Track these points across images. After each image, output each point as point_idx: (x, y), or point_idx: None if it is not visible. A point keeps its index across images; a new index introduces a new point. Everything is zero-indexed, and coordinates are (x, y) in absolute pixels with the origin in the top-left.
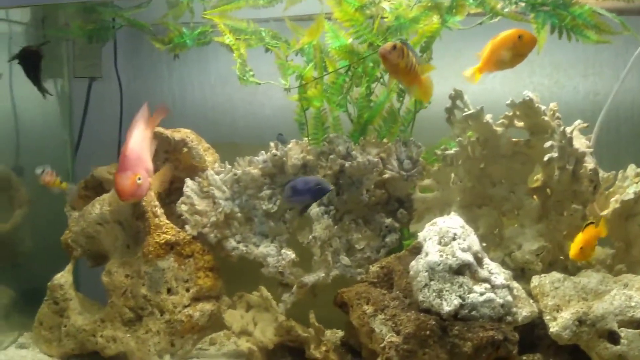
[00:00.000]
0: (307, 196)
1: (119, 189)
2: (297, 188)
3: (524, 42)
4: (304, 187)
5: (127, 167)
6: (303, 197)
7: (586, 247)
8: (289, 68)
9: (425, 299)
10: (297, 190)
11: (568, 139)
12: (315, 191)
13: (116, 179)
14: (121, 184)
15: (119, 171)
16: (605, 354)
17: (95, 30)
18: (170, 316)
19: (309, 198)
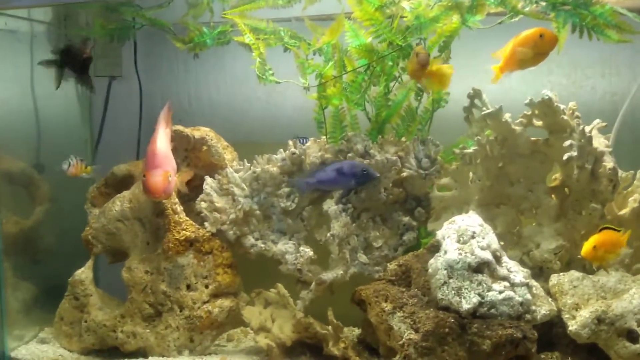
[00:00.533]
0: (352, 180)
1: (151, 187)
2: (343, 170)
3: (545, 41)
4: (350, 170)
5: (158, 164)
6: (347, 181)
7: (600, 248)
8: (308, 67)
9: (444, 297)
10: (343, 173)
11: (587, 138)
12: (361, 176)
13: (147, 176)
14: (153, 181)
15: (150, 169)
16: (624, 353)
17: (116, 29)
18: (189, 312)
19: (353, 183)
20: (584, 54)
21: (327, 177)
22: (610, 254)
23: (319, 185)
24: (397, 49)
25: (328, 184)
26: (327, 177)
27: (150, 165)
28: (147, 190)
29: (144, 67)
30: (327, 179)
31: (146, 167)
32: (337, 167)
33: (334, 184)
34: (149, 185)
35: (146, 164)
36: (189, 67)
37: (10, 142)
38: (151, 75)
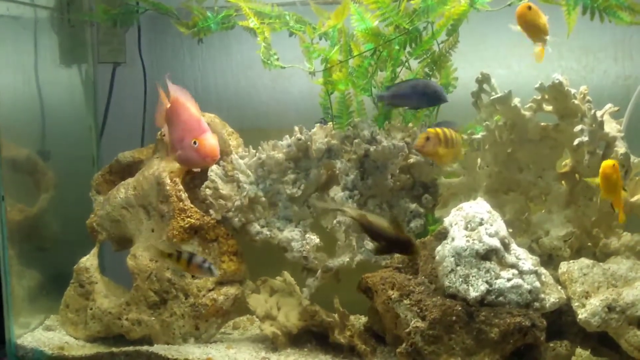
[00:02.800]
0: (424, 100)
1: (209, 149)
2: (417, 89)
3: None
4: (424, 90)
5: (205, 127)
6: (419, 99)
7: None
8: (314, 51)
9: (451, 285)
10: (417, 92)
11: (599, 123)
12: (433, 97)
13: (201, 140)
14: (209, 144)
15: (199, 133)
16: (635, 341)
17: (119, 14)
18: (194, 300)
19: (425, 102)
20: (595, 37)
21: (401, 92)
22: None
23: (391, 99)
24: (404, 33)
25: (400, 99)
26: (401, 93)
27: (198, 130)
28: (205, 154)
29: (149, 53)
30: (401, 94)
31: (192, 132)
32: (413, 84)
33: (406, 101)
34: (207, 149)
35: (187, 129)
36: (194, 53)
37: (15, 130)
38: (156, 61)
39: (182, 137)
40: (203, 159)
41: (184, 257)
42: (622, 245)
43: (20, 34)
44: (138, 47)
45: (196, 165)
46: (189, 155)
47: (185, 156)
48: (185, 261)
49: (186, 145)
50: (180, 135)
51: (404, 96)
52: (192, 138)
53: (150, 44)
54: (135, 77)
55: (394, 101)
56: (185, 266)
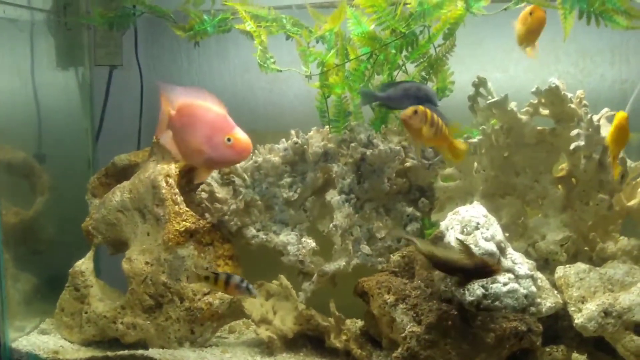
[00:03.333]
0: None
1: (245, 145)
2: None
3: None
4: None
5: (234, 123)
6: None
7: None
8: (310, 55)
9: (447, 289)
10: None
11: (595, 127)
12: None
13: (235, 136)
14: (244, 138)
15: (231, 129)
16: (632, 347)
17: (116, 17)
18: (190, 304)
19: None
20: (592, 42)
21: (395, 94)
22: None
23: (386, 100)
24: (400, 37)
25: (394, 101)
26: (395, 95)
27: (228, 126)
28: (242, 149)
29: (146, 56)
30: (395, 96)
31: (223, 130)
32: (406, 87)
33: (399, 104)
34: (243, 143)
35: (216, 128)
36: (191, 56)
37: (11, 132)
38: (153, 64)
39: (209, 137)
40: (239, 155)
41: (221, 279)
42: (619, 249)
43: (16, 37)
44: (135, 50)
45: (230, 163)
46: (223, 154)
47: (218, 156)
48: (222, 282)
49: (217, 144)
50: (207, 136)
51: (397, 98)
52: (224, 135)
53: (147, 47)
54: (132, 80)
55: (388, 102)
56: (223, 288)
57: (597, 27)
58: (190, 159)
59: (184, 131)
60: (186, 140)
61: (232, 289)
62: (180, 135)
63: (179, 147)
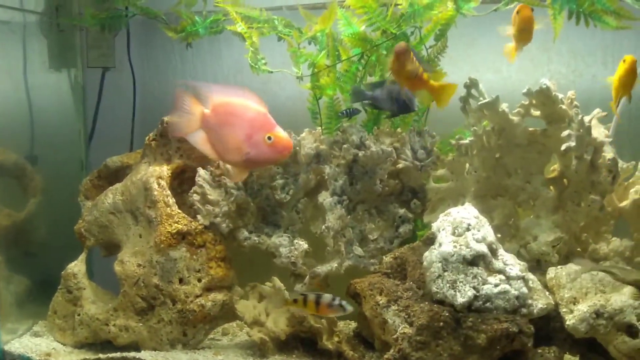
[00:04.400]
0: (395, 106)
1: (286, 143)
2: (392, 94)
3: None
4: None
5: (274, 122)
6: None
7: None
8: (301, 56)
9: (438, 290)
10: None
11: (586, 128)
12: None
13: (276, 134)
14: (285, 136)
15: (272, 127)
16: (624, 348)
17: (108, 19)
18: (182, 306)
19: (396, 109)
20: (584, 42)
21: (381, 95)
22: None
23: (372, 100)
24: (391, 38)
25: (379, 102)
26: (380, 96)
27: (269, 124)
28: (283, 148)
29: (140, 58)
30: (380, 97)
31: (263, 127)
32: (390, 90)
33: (383, 105)
34: (284, 142)
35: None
36: (185, 57)
37: (3, 134)
38: (147, 66)
39: (249, 136)
40: (280, 154)
41: (310, 300)
42: (611, 250)
43: (9, 39)
44: (127, 51)
45: (270, 162)
46: (263, 153)
47: (259, 155)
48: (312, 304)
49: (257, 142)
50: (247, 134)
51: (382, 99)
52: (265, 134)
53: (141, 48)
54: (125, 81)
55: (374, 102)
56: (313, 309)
57: (586, 27)
58: (227, 158)
59: (221, 130)
60: (224, 139)
61: (323, 308)
62: (216, 134)
63: (215, 147)
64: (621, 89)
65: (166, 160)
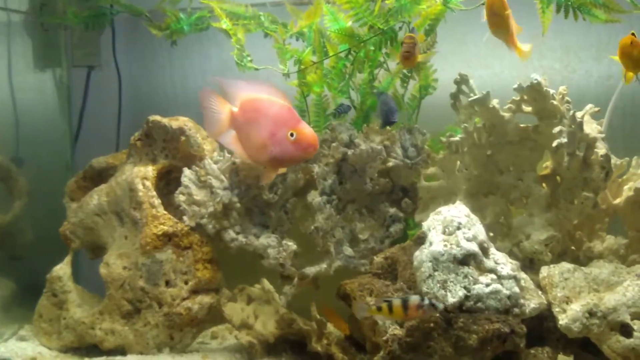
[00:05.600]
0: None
1: (312, 138)
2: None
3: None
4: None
5: (299, 118)
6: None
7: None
8: (287, 52)
9: (429, 290)
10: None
11: (578, 124)
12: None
13: (301, 130)
14: (311, 132)
15: (296, 123)
16: (618, 347)
17: (91, 17)
18: (168, 309)
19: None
20: (577, 37)
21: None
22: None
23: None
24: (378, 33)
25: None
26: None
27: (293, 120)
28: (308, 144)
29: (127, 56)
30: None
31: (287, 124)
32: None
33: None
34: (309, 138)
35: (280, 122)
36: (173, 54)
37: None
38: (135, 64)
39: (273, 133)
40: (304, 151)
41: (396, 304)
42: (605, 248)
43: None
44: (112, 50)
45: (295, 160)
46: (287, 150)
47: (283, 152)
48: (399, 308)
49: (280, 139)
50: (271, 131)
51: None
52: (288, 130)
53: (128, 46)
54: (111, 81)
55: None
56: (401, 314)
57: (575, 20)
58: (255, 157)
59: (248, 128)
60: (251, 137)
61: (413, 311)
62: (244, 132)
63: (244, 146)
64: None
65: (151, 160)
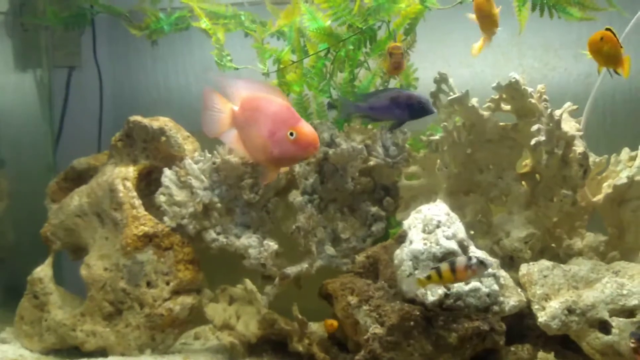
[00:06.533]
0: (406, 112)
1: (311, 137)
2: (398, 100)
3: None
4: (407, 101)
5: (299, 116)
6: (401, 112)
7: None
8: (266, 52)
9: (409, 289)
10: (398, 103)
11: (556, 122)
12: (418, 109)
13: (300, 129)
14: (311, 130)
15: (296, 122)
16: (597, 344)
17: (71, 17)
18: (150, 310)
19: (407, 115)
20: (557, 36)
21: (380, 104)
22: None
23: (369, 111)
24: (357, 32)
25: (380, 112)
26: (380, 105)
27: (292, 118)
28: (307, 143)
29: (109, 56)
30: (379, 106)
31: (286, 123)
32: (393, 96)
33: (386, 114)
34: (309, 137)
35: (279, 121)
36: (156, 54)
37: None
38: (117, 64)
39: (273, 132)
40: (304, 150)
41: (444, 269)
42: (585, 245)
43: None
44: (93, 50)
45: (295, 159)
46: (287, 150)
47: (283, 152)
48: (448, 272)
49: (280, 139)
50: (271, 131)
51: (382, 108)
52: (287, 129)
53: (111, 47)
54: (92, 81)
55: (371, 113)
56: (451, 277)
57: (550, 18)
58: (256, 157)
59: (248, 127)
60: (251, 136)
61: (461, 273)
62: (245, 132)
63: (245, 145)
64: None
65: (132, 161)
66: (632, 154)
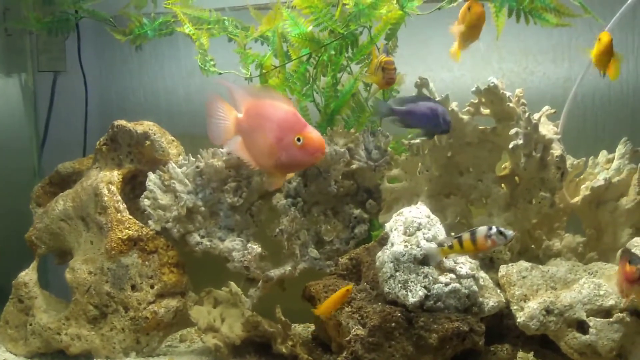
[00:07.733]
0: (439, 127)
1: (319, 142)
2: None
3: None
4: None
5: (305, 122)
6: (435, 125)
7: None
8: (248, 57)
9: (390, 290)
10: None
11: (534, 126)
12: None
13: (307, 134)
14: (318, 136)
15: (303, 127)
16: (574, 344)
17: (54, 22)
18: (134, 313)
19: (438, 129)
20: (536, 41)
21: (419, 111)
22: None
23: (404, 115)
24: (338, 38)
25: (416, 119)
26: (420, 112)
27: (299, 124)
28: (314, 149)
29: (95, 61)
30: (418, 113)
31: (293, 128)
32: (431, 107)
33: (421, 122)
34: (316, 142)
35: (286, 127)
36: (143, 60)
37: None
38: (103, 69)
39: (280, 139)
40: (312, 155)
41: (465, 239)
42: (564, 246)
43: None
44: (78, 54)
45: (303, 164)
46: (294, 156)
47: (290, 158)
48: (469, 242)
49: (287, 145)
50: (278, 137)
51: (419, 116)
52: (294, 135)
53: (97, 51)
54: (77, 85)
55: (405, 118)
56: (471, 247)
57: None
58: (262, 163)
59: (254, 134)
60: (257, 143)
61: (482, 243)
62: (250, 138)
63: (251, 152)
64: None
65: (117, 165)
66: (610, 157)
